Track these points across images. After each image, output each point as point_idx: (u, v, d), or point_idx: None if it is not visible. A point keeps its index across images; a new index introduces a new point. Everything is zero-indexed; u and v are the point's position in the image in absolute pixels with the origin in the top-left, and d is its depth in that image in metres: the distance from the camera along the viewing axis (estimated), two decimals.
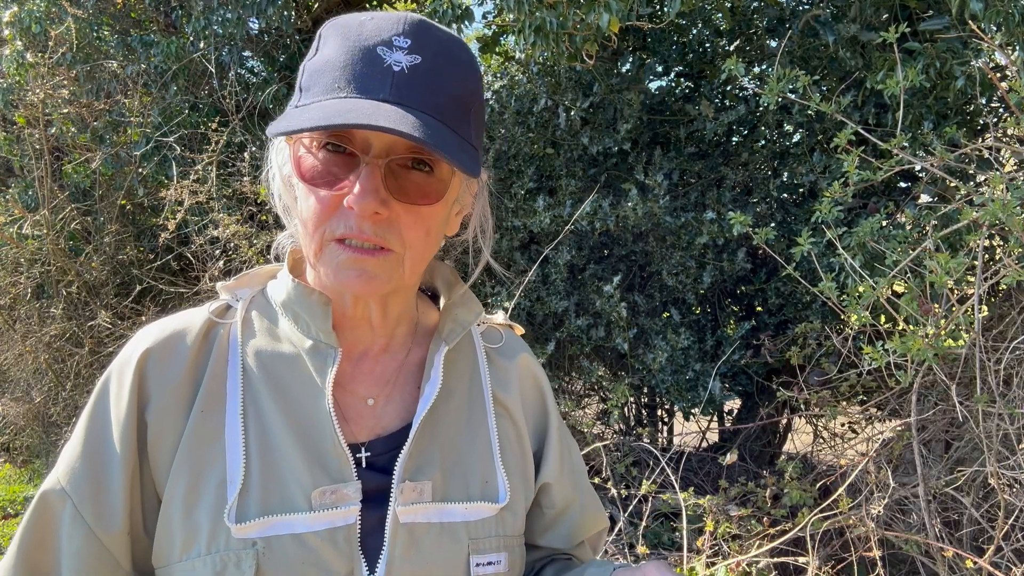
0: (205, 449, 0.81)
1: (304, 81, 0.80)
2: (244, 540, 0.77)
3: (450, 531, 0.86)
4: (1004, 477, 2.26)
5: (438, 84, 0.77)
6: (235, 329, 0.88)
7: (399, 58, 0.75)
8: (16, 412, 5.22)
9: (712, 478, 3.62)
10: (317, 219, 0.79)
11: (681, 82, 3.94)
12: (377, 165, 0.76)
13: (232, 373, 0.85)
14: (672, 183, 3.46)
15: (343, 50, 0.77)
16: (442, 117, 0.76)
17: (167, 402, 0.81)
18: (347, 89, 0.75)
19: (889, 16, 3.04)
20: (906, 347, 2.06)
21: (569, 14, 2.37)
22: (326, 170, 0.77)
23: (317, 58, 0.80)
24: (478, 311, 0.98)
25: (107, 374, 0.84)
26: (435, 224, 0.83)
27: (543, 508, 1.01)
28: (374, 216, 0.76)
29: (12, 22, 3.96)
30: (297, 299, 0.87)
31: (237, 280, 0.93)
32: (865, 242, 2.41)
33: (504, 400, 0.98)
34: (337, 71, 0.76)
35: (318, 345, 0.86)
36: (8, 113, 4.42)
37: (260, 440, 0.82)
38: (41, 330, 4.63)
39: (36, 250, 4.48)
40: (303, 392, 0.85)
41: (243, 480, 0.79)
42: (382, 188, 0.76)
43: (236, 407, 0.83)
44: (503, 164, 3.59)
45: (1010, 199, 1.99)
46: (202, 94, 4.08)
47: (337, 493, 0.81)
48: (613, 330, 3.32)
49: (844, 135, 2.31)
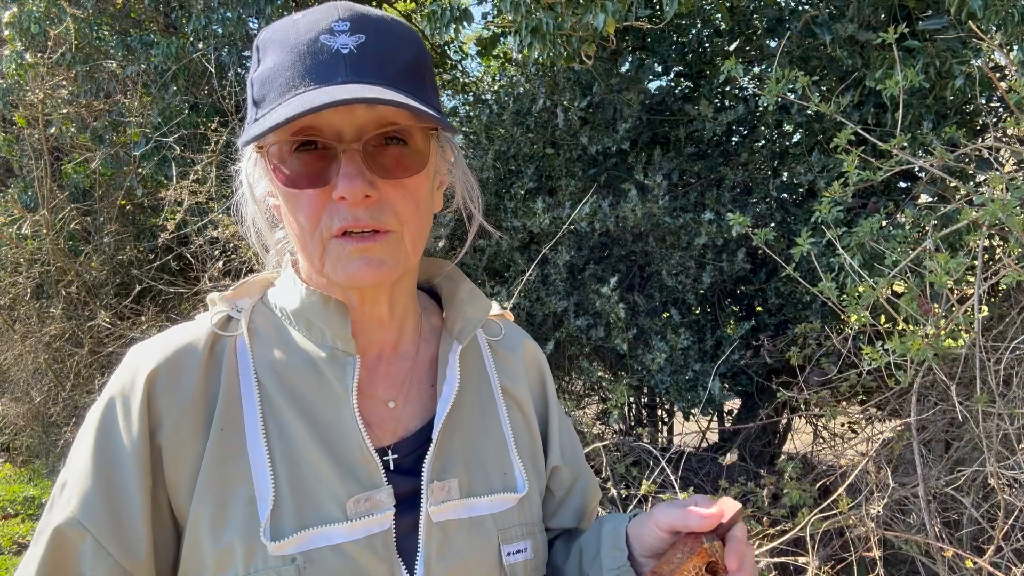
0: (229, 468, 0.79)
1: (256, 94, 0.80)
2: (283, 557, 0.76)
3: (479, 525, 0.87)
4: (1004, 477, 2.25)
5: (388, 58, 0.77)
6: (243, 341, 0.86)
7: (344, 41, 0.76)
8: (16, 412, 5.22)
9: (712, 478, 3.62)
10: (311, 221, 0.78)
11: (680, 82, 3.94)
12: (355, 150, 0.75)
13: (246, 387, 0.83)
14: (672, 183, 3.46)
15: (286, 51, 0.77)
16: (401, 87, 0.76)
17: (181, 423, 0.79)
18: (304, 84, 0.75)
19: (888, 16, 3.03)
20: (906, 347, 2.06)
21: (566, 15, 2.37)
22: (306, 170, 0.77)
23: (261, 69, 0.79)
24: (487, 307, 0.98)
25: (108, 398, 0.81)
26: (423, 196, 0.82)
27: (553, 491, 1.02)
28: (365, 200, 0.76)
29: (12, 22, 3.96)
30: (312, 307, 0.86)
31: (235, 290, 0.92)
32: (865, 242, 2.41)
33: (513, 391, 0.99)
34: (288, 71, 0.76)
35: (336, 353, 0.85)
36: (8, 113, 4.42)
37: (285, 454, 0.81)
38: (41, 330, 4.63)
39: (36, 250, 4.48)
40: (323, 401, 0.84)
41: (274, 496, 0.78)
42: (366, 171, 0.76)
43: (256, 422, 0.81)
44: (502, 164, 3.59)
45: (1010, 199, 1.98)
46: (202, 94, 4.08)
47: (371, 500, 0.81)
48: (612, 330, 3.31)
49: (844, 135, 2.31)
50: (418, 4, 3.09)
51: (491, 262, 3.56)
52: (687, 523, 0.81)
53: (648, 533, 0.86)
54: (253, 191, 0.88)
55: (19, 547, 4.76)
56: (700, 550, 0.81)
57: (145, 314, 4.16)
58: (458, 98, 4.80)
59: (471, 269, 3.57)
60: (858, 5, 2.91)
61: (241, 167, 0.89)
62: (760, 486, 2.87)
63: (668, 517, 0.83)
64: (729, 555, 0.80)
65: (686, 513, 0.82)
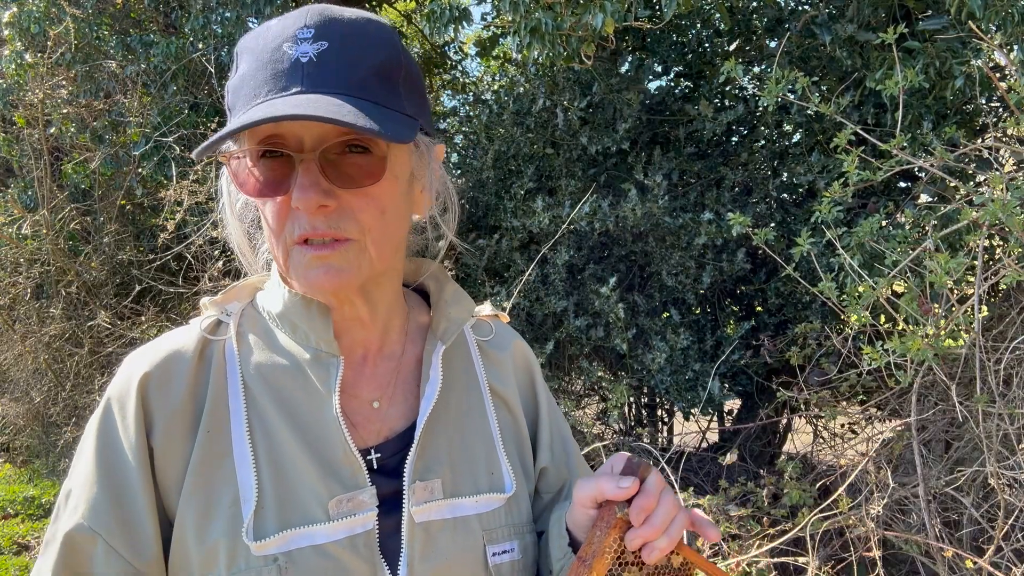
0: (215, 470, 0.80)
1: (229, 101, 0.81)
2: (265, 557, 0.77)
3: (464, 525, 0.87)
4: (1004, 477, 2.25)
5: (352, 64, 0.76)
6: (231, 345, 0.87)
7: (305, 49, 0.75)
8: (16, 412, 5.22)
9: (712, 478, 3.61)
10: (276, 229, 0.79)
11: (680, 82, 3.94)
12: (312, 159, 0.75)
13: (233, 390, 0.84)
14: (671, 183, 3.46)
15: (254, 59, 0.78)
16: (365, 93, 0.76)
17: (171, 426, 0.80)
18: (262, 93, 0.75)
19: (887, 16, 3.03)
20: (906, 347, 2.06)
21: (565, 15, 2.37)
22: (268, 179, 0.77)
23: (235, 76, 0.80)
24: (471, 308, 0.98)
25: (105, 403, 0.82)
26: (390, 203, 0.82)
27: (541, 494, 1.01)
28: (322, 209, 0.76)
29: (11, 22, 3.96)
30: (295, 309, 0.86)
31: (224, 295, 0.93)
32: (865, 242, 2.41)
33: (501, 392, 0.99)
34: (251, 80, 0.77)
35: (320, 355, 0.86)
36: (7, 113, 4.42)
37: (269, 455, 0.81)
38: (41, 330, 4.63)
39: (35, 250, 4.47)
40: (308, 402, 0.84)
41: (257, 497, 0.79)
42: (322, 180, 0.76)
43: (242, 424, 0.82)
44: (502, 164, 3.59)
45: (1010, 199, 1.98)
46: (201, 94, 4.08)
47: (354, 500, 0.81)
48: (612, 330, 3.31)
49: (844, 135, 2.30)
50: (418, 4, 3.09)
51: (491, 262, 3.57)
52: (602, 493, 0.79)
53: (577, 513, 0.84)
54: (233, 200, 0.90)
55: (19, 547, 4.75)
56: (615, 521, 0.77)
57: (145, 314, 4.16)
58: (458, 98, 4.80)
59: (471, 269, 3.57)
60: (857, 5, 2.91)
61: (222, 182, 0.91)
62: (760, 486, 2.87)
63: (583, 492, 0.81)
64: (633, 511, 0.77)
65: (597, 483, 0.79)
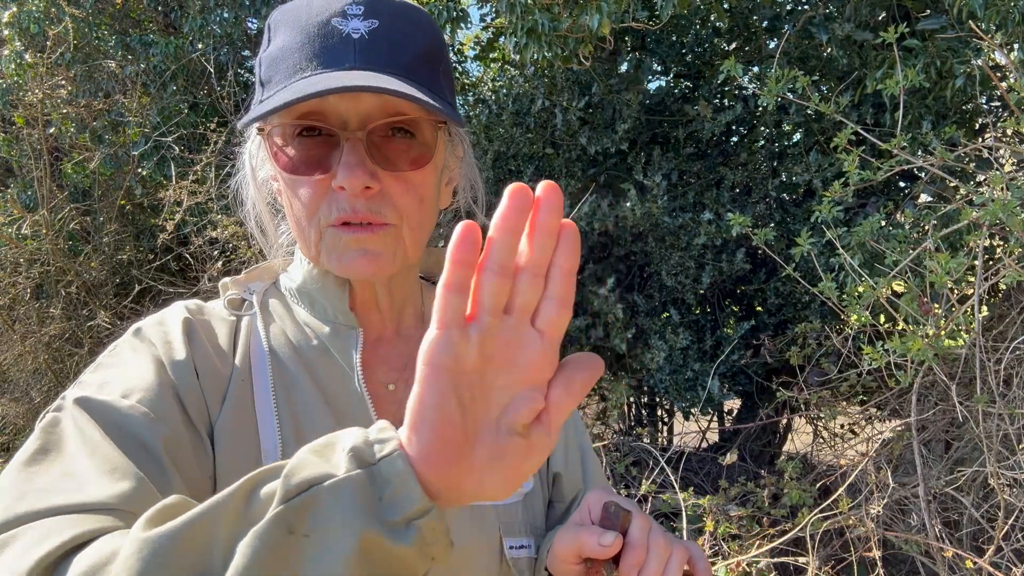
0: (239, 438, 0.77)
1: (264, 74, 0.78)
2: None
3: (480, 514, 0.86)
4: (1004, 477, 2.25)
5: (401, 45, 0.75)
6: (255, 319, 0.86)
7: (356, 25, 0.74)
8: (16, 412, 5.21)
9: (712, 478, 3.61)
10: (309, 209, 0.77)
11: (679, 82, 3.93)
12: (358, 139, 0.73)
13: (258, 361, 0.82)
14: (671, 183, 3.45)
15: (297, 32, 0.75)
16: (412, 76, 0.74)
17: (208, 370, 0.77)
18: (311, 67, 0.73)
19: (887, 15, 3.03)
20: (906, 347, 2.06)
21: (563, 17, 2.36)
22: (307, 156, 0.75)
23: (271, 48, 0.78)
24: None
25: (136, 329, 0.78)
26: (427, 192, 0.80)
27: (554, 503, 1.00)
28: (365, 191, 0.74)
29: (11, 22, 3.96)
30: (312, 283, 0.86)
31: (247, 275, 0.92)
32: (865, 242, 2.40)
33: None
34: (296, 53, 0.74)
35: (338, 327, 0.85)
36: (7, 113, 4.42)
37: (294, 424, 0.80)
38: (40, 330, 4.63)
39: (35, 250, 4.47)
40: (330, 376, 0.83)
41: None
42: (368, 160, 0.74)
43: (267, 393, 0.80)
44: (502, 164, 3.59)
45: (1010, 199, 1.98)
46: (201, 94, 4.08)
47: None
48: (611, 330, 3.31)
49: (843, 135, 2.30)
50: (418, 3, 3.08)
51: None
52: (583, 551, 0.74)
53: (559, 568, 0.80)
54: (256, 174, 0.87)
55: None
56: None
57: (145, 314, 4.15)
58: (458, 98, 4.79)
59: None
60: (855, 5, 2.90)
61: (245, 148, 0.87)
62: (760, 486, 2.87)
63: (564, 546, 0.77)
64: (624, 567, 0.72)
65: (577, 538, 0.75)
